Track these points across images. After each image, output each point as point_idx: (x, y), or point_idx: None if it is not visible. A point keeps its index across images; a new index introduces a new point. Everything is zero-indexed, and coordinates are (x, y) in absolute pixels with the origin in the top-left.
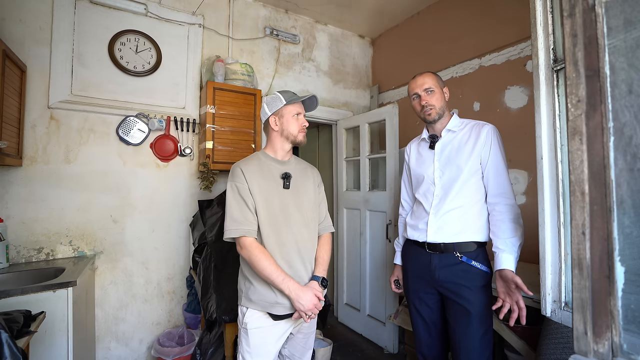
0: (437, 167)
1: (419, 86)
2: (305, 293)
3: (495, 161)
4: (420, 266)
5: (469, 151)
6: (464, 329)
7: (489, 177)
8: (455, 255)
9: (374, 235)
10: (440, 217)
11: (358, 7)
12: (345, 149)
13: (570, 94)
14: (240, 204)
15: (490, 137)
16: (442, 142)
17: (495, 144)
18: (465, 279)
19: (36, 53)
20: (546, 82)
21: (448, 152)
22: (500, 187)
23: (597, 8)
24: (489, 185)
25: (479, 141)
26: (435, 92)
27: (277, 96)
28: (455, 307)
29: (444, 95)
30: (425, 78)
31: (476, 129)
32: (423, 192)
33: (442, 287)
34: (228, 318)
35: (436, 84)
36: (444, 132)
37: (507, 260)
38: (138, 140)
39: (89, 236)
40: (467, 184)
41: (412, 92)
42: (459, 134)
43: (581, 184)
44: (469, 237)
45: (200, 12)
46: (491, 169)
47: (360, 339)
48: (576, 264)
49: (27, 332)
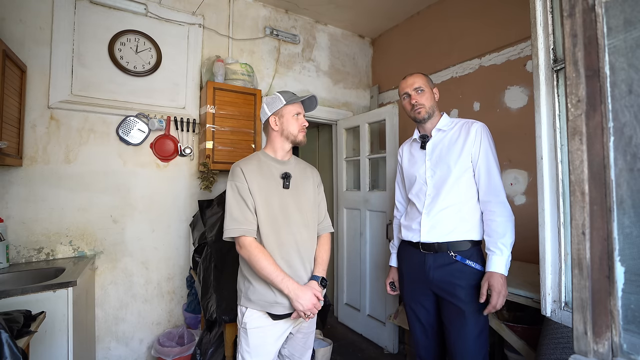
0: (428, 166)
1: (409, 86)
2: (305, 293)
3: (486, 159)
4: (415, 267)
5: (459, 149)
6: (458, 329)
7: (480, 175)
8: (449, 255)
9: (374, 235)
10: (433, 216)
11: (358, 7)
12: (345, 149)
13: (570, 94)
14: (240, 203)
15: (480, 135)
16: (433, 141)
17: (485, 142)
18: (460, 278)
19: (36, 53)
20: (546, 82)
21: (439, 151)
22: (491, 185)
23: (597, 8)
24: (480, 183)
25: (468, 139)
26: (425, 92)
27: (277, 96)
28: (450, 308)
29: (433, 95)
30: (415, 78)
31: (465, 127)
32: (416, 192)
33: (436, 288)
34: (228, 318)
35: (426, 84)
36: (434, 131)
37: (497, 263)
38: (138, 140)
39: (89, 236)
40: (458, 183)
41: (402, 92)
42: (449, 133)
43: (581, 184)
44: (463, 235)
45: (200, 12)
46: (482, 166)
47: (360, 339)
48: (576, 264)
49: (27, 332)
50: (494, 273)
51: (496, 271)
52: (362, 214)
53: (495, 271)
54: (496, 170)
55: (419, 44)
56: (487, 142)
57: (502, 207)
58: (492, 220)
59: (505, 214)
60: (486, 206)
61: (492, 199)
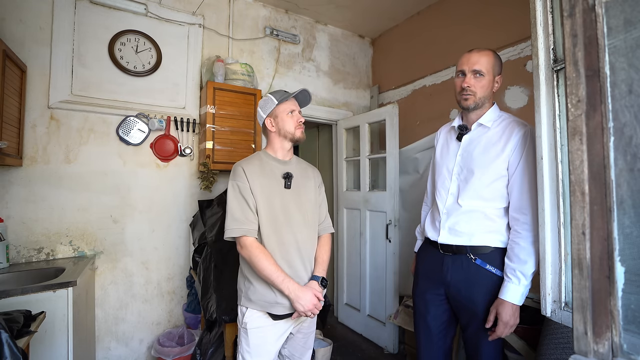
0: (458, 162)
1: (469, 64)
2: (305, 293)
3: (523, 172)
4: (432, 267)
5: (496, 153)
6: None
7: (513, 188)
8: (468, 257)
9: (374, 235)
10: (453, 218)
11: (358, 7)
12: (345, 149)
13: (570, 94)
14: (241, 203)
15: (525, 142)
16: (471, 135)
17: (529, 152)
18: (478, 281)
19: (36, 53)
20: (546, 82)
21: (473, 148)
22: (523, 202)
23: (597, 8)
24: (512, 196)
25: (509, 144)
26: (484, 78)
27: (269, 98)
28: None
29: (493, 84)
30: (480, 56)
31: (510, 129)
32: (439, 187)
33: (453, 289)
34: (228, 318)
35: (490, 69)
36: (475, 125)
37: (512, 293)
38: (138, 140)
39: (89, 236)
40: (487, 188)
41: (459, 67)
42: (491, 131)
43: (581, 184)
44: (484, 241)
45: (200, 12)
46: (517, 178)
47: (360, 339)
48: (576, 264)
49: (27, 332)
50: (505, 302)
51: (509, 301)
52: (362, 214)
53: (507, 300)
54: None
55: (419, 44)
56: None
57: (528, 231)
58: (516, 244)
59: (530, 239)
60: (513, 224)
61: (520, 218)
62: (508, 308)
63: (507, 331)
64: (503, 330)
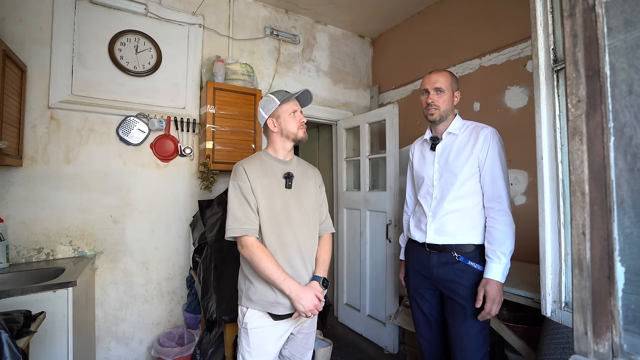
0: (436, 169)
1: (430, 83)
2: (306, 293)
3: (492, 165)
4: (420, 263)
5: (467, 155)
6: (459, 325)
7: (485, 181)
8: (452, 255)
9: (374, 235)
10: (439, 219)
11: (358, 7)
12: (346, 149)
13: (570, 94)
14: (242, 203)
15: (489, 141)
16: (443, 144)
17: (493, 147)
18: (462, 277)
19: (36, 53)
20: (546, 82)
21: (447, 155)
22: (495, 192)
23: (597, 8)
24: (485, 188)
25: (477, 145)
26: (445, 94)
27: (271, 98)
28: (452, 304)
29: (453, 99)
30: (439, 77)
31: (475, 132)
32: (423, 193)
33: (440, 284)
34: (228, 318)
35: (448, 85)
36: (445, 134)
37: (495, 271)
38: (138, 140)
39: (89, 236)
40: (464, 187)
41: (422, 87)
42: (459, 137)
43: (581, 184)
44: (467, 239)
45: (201, 12)
46: (487, 172)
47: (360, 339)
48: (576, 264)
49: (27, 332)
50: (490, 280)
51: (493, 278)
52: (362, 214)
53: (492, 278)
54: (501, 177)
55: (419, 44)
56: (496, 148)
57: (504, 216)
58: (493, 228)
59: (506, 222)
60: (489, 212)
61: (494, 206)
62: (494, 285)
63: (495, 308)
64: (491, 307)
